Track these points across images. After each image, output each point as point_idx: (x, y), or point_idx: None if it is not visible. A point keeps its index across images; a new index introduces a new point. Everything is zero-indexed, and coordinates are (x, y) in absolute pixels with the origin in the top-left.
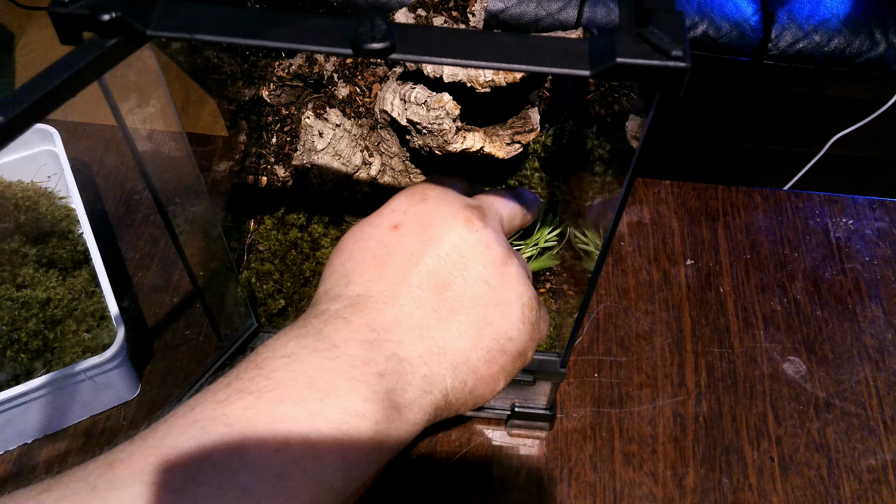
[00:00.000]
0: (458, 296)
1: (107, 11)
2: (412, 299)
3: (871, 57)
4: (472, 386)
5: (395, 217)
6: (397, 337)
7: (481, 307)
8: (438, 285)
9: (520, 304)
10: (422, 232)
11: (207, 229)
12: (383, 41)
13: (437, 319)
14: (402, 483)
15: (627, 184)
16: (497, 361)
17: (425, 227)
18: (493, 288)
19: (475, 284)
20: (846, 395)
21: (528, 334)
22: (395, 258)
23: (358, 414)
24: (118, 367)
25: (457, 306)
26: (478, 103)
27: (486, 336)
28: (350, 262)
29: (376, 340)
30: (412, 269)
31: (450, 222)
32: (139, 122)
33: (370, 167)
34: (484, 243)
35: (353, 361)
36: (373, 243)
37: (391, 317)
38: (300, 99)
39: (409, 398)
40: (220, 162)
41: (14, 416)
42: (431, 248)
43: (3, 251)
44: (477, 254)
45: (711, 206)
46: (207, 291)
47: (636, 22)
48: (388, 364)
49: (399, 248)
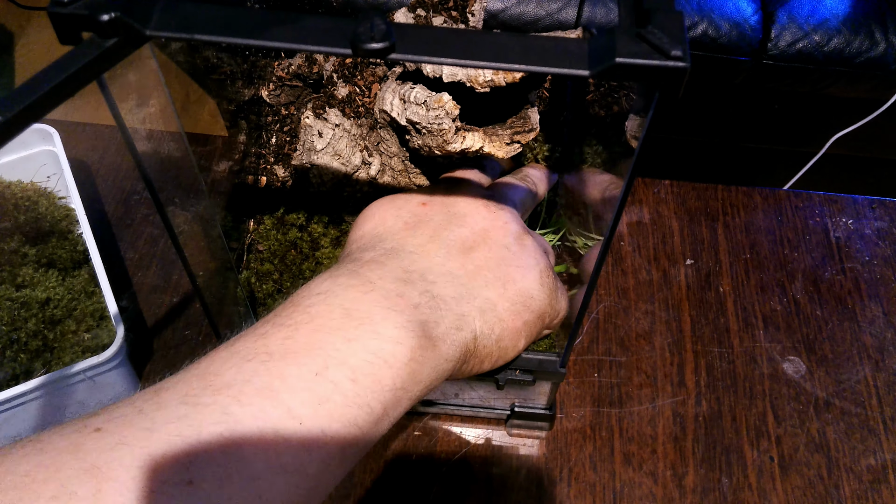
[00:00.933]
0: (483, 257)
1: (106, 11)
2: (443, 253)
3: (870, 57)
4: (499, 334)
5: (423, 197)
6: (431, 278)
7: (504, 266)
8: (465, 247)
9: (538, 269)
10: (447, 209)
11: (207, 229)
12: (383, 41)
13: (466, 272)
14: (402, 483)
15: (627, 184)
16: (521, 314)
17: (450, 206)
18: (514, 253)
19: (497, 250)
20: (846, 395)
21: (547, 297)
22: (426, 224)
23: (393, 339)
24: (117, 367)
25: (482, 265)
26: (477, 103)
27: (510, 290)
28: (382, 226)
29: (410, 279)
30: (442, 232)
31: (471, 203)
32: (139, 122)
33: (370, 167)
34: (503, 220)
35: (388, 294)
36: (405, 212)
37: (424, 264)
38: (300, 99)
39: (441, 331)
40: (219, 162)
41: (14, 416)
42: (457, 220)
43: (3, 251)
44: (497, 228)
45: (711, 206)
46: (207, 291)
47: (636, 22)
48: (422, 298)
49: (428, 217)
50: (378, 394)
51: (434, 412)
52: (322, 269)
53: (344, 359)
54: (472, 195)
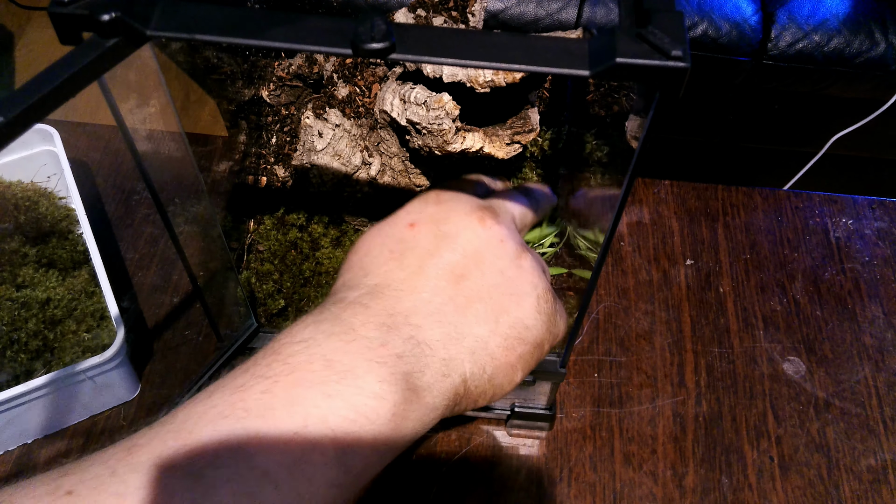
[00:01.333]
0: (475, 286)
1: (106, 12)
2: (430, 288)
3: (870, 57)
4: (491, 373)
5: (410, 217)
6: (415, 321)
7: (497, 296)
8: (455, 276)
9: (535, 295)
10: (437, 229)
11: (207, 229)
12: (383, 41)
13: (455, 307)
14: (402, 483)
15: (627, 184)
16: (515, 349)
17: (440, 225)
18: (509, 279)
19: (491, 275)
20: (846, 395)
21: (544, 325)
22: (412, 252)
23: (376, 395)
24: (118, 367)
25: (473, 295)
26: (477, 103)
27: (504, 323)
28: (368, 257)
29: (394, 324)
30: (429, 260)
31: (464, 220)
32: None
33: (370, 167)
34: (498, 238)
35: (371, 344)
36: (391, 240)
37: (409, 303)
38: (300, 99)
39: (427, 381)
40: (219, 162)
41: (14, 417)
42: (447, 243)
43: (3, 251)
44: (492, 247)
45: (711, 206)
46: (207, 291)
47: (636, 22)
48: (406, 346)
49: (416, 243)
50: (359, 451)
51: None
52: (322, 269)
53: (324, 416)
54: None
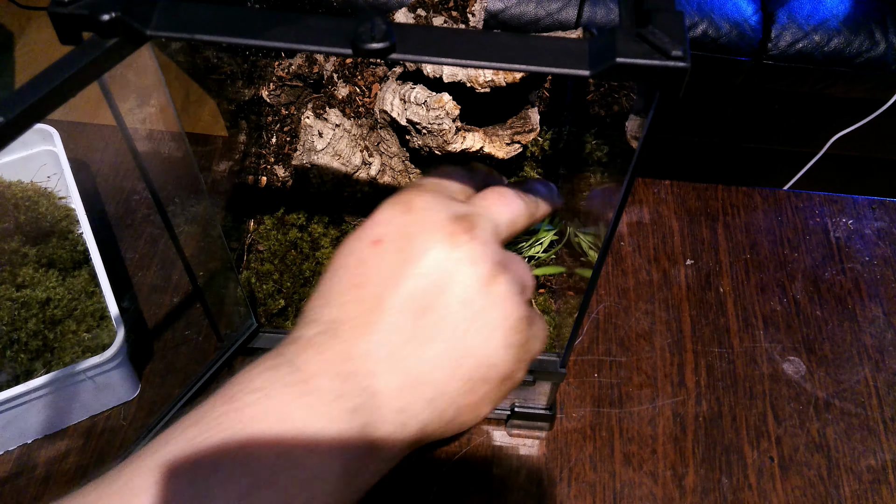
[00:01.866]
0: (438, 321)
1: (106, 11)
2: (388, 326)
3: (871, 57)
4: (452, 416)
5: (376, 231)
6: (371, 367)
7: (460, 332)
8: (417, 309)
9: (504, 328)
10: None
11: (207, 229)
12: (383, 41)
13: (414, 348)
14: (402, 483)
15: (627, 184)
16: (478, 390)
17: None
18: (476, 312)
19: (456, 308)
20: (846, 395)
21: (514, 358)
22: (372, 280)
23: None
24: (118, 367)
25: (435, 334)
26: (478, 103)
27: (465, 366)
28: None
29: (349, 373)
30: (389, 291)
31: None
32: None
33: (370, 167)
34: (468, 260)
35: (325, 397)
36: (353, 260)
37: (365, 346)
38: (300, 99)
39: (382, 433)
40: (220, 162)
41: (14, 417)
42: (411, 268)
43: (3, 251)
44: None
45: (711, 206)
46: (207, 291)
47: (636, 22)
48: (360, 399)
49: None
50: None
51: None
52: (322, 269)
53: (273, 478)
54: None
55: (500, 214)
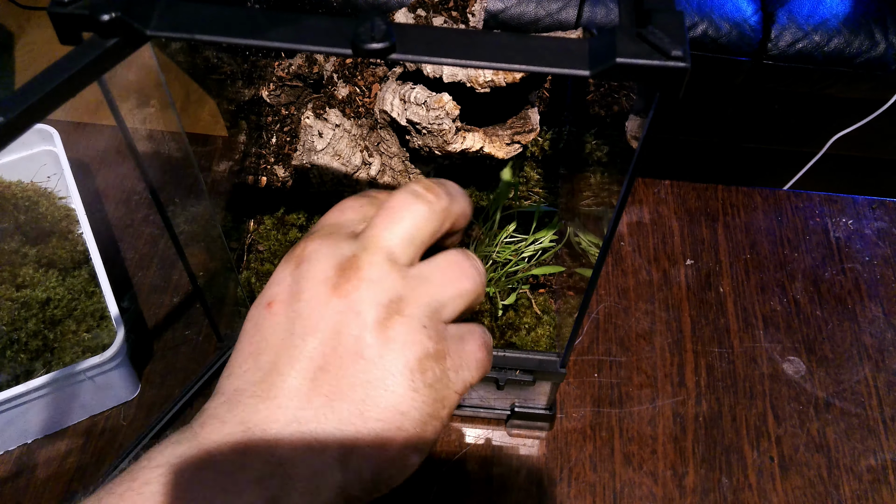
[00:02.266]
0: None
1: (106, 11)
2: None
3: (871, 57)
4: (374, 472)
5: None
6: (273, 435)
7: (359, 387)
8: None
9: (406, 371)
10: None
11: (207, 229)
12: (383, 41)
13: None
14: (403, 483)
15: (627, 184)
16: (395, 441)
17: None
18: (370, 361)
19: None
20: (846, 395)
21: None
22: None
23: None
24: (118, 367)
25: (333, 394)
26: (478, 103)
27: (371, 419)
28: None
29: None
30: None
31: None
32: (139, 122)
33: (370, 167)
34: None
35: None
36: (250, 326)
37: (264, 412)
38: (300, 99)
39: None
40: (220, 162)
41: (14, 417)
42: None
43: (3, 251)
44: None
45: (711, 206)
46: (207, 291)
47: (636, 22)
48: (265, 468)
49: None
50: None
51: None
52: None
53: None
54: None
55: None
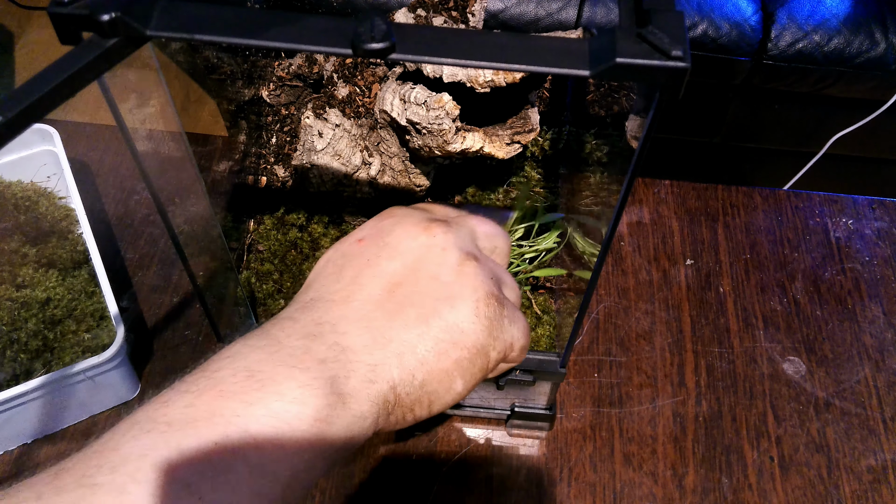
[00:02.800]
0: (409, 292)
1: (106, 11)
2: (361, 297)
3: (870, 57)
4: (423, 379)
5: (360, 233)
6: (342, 328)
7: (430, 301)
8: (390, 284)
9: (473, 299)
10: (381, 240)
11: (207, 229)
12: (383, 41)
13: (384, 312)
14: (402, 483)
15: (627, 184)
16: (449, 355)
17: (385, 236)
18: (445, 283)
19: (426, 281)
20: (846, 395)
21: (485, 329)
22: (352, 264)
23: (296, 400)
24: (118, 367)
25: (405, 301)
26: (478, 103)
27: (434, 327)
28: (314, 274)
29: (319, 333)
30: (366, 270)
31: (409, 230)
32: (139, 122)
33: (370, 167)
34: (440, 245)
35: (294, 352)
36: (337, 255)
37: (338, 312)
38: (300, 99)
39: (353, 386)
40: (220, 162)
41: (14, 416)
42: (388, 251)
43: (3, 251)
44: (432, 255)
45: (711, 206)
46: (207, 291)
47: (636, 22)
48: (329, 352)
49: (358, 255)
50: (284, 460)
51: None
52: None
53: (245, 425)
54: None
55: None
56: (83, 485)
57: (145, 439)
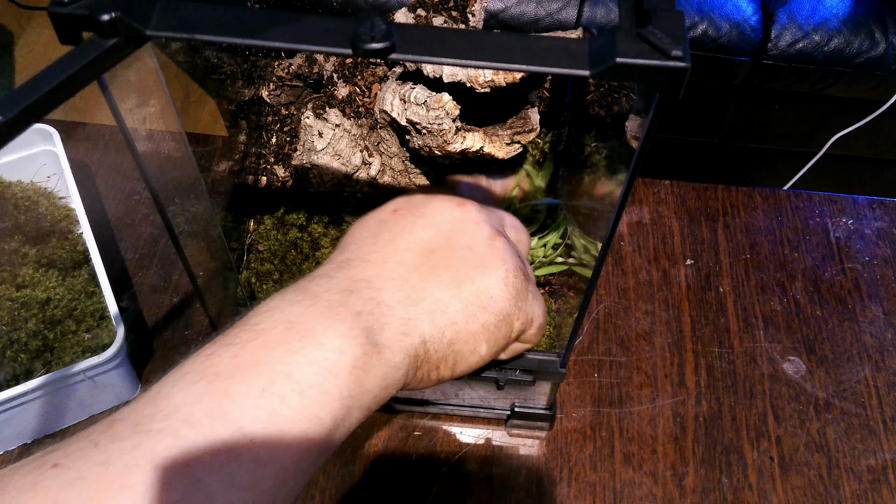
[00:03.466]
0: (442, 258)
1: (106, 11)
2: (396, 259)
3: (871, 57)
4: (451, 338)
5: (395, 205)
6: (377, 285)
7: (463, 267)
8: (425, 250)
9: (503, 269)
10: (417, 211)
11: (207, 229)
12: (383, 41)
13: (418, 274)
14: (402, 483)
15: (627, 184)
16: (477, 318)
17: (421, 208)
18: (478, 253)
19: (460, 250)
20: (846, 395)
21: (512, 298)
22: (388, 230)
23: (335, 349)
24: (118, 367)
25: (439, 265)
26: (478, 103)
27: (466, 290)
28: (349, 238)
29: (356, 289)
30: (402, 236)
31: (444, 203)
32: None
33: (370, 167)
34: (473, 220)
35: (331, 304)
36: (373, 222)
37: (374, 271)
38: (300, 99)
39: (387, 337)
40: (220, 162)
41: (14, 416)
42: (423, 221)
43: (3, 251)
44: (466, 228)
45: (711, 206)
46: (207, 291)
47: (636, 22)
48: (365, 306)
49: (394, 223)
50: (326, 404)
51: (434, 412)
52: None
53: (289, 372)
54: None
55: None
56: (138, 431)
57: (195, 388)
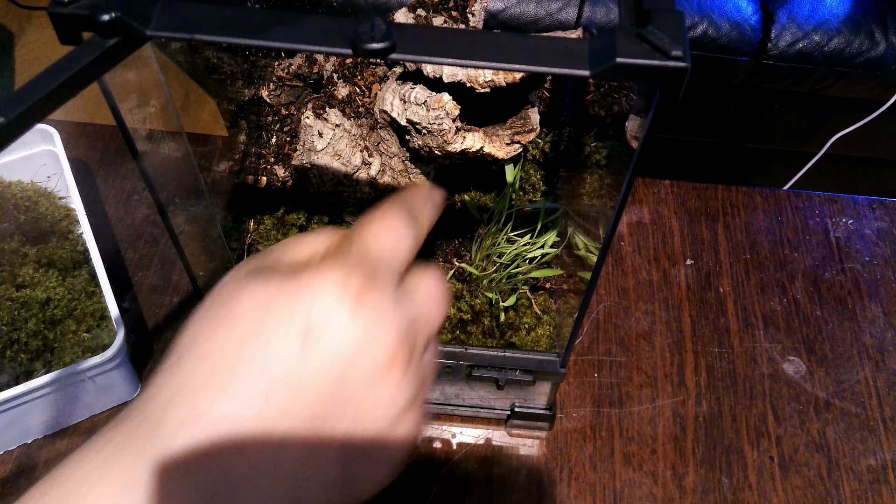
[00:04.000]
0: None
1: (106, 11)
2: None
3: (870, 57)
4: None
5: (242, 278)
6: None
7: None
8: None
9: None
10: (290, 314)
11: (207, 229)
12: (383, 41)
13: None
14: (402, 483)
15: (627, 184)
16: None
17: (295, 304)
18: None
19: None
20: (846, 395)
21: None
22: (235, 349)
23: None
24: (118, 367)
25: None
26: (478, 103)
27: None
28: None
29: None
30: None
31: (331, 296)
32: (139, 122)
33: (370, 167)
34: (373, 335)
35: None
36: (210, 322)
37: None
38: (300, 99)
39: None
40: (220, 162)
41: (14, 417)
42: (311, 349)
43: (3, 251)
44: (363, 354)
45: (711, 206)
46: (207, 291)
47: (636, 22)
48: None
49: (241, 332)
50: None
51: (434, 412)
52: None
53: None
54: (336, 275)
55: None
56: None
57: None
